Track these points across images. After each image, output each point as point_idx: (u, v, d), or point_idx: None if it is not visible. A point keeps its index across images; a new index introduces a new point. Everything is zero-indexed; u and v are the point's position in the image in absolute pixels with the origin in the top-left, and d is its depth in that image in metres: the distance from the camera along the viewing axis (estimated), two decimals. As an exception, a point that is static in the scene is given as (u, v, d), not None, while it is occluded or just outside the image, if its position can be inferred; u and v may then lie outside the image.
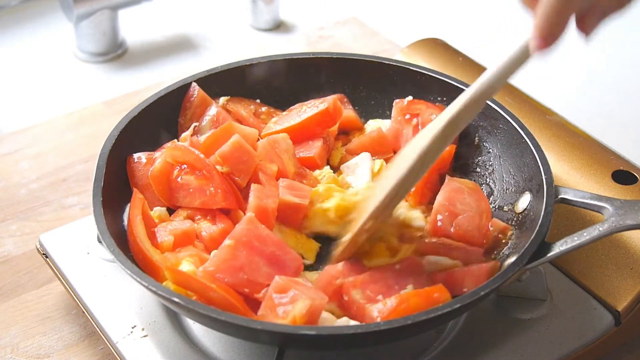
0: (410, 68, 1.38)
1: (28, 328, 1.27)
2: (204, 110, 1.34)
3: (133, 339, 1.16)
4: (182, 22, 2.06)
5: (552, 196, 1.14)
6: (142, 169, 1.24)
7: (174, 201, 1.22)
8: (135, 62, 1.91)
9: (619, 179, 1.29)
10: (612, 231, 1.05)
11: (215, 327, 1.06)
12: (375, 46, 1.91)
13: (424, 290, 1.06)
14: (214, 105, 1.34)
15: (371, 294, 1.08)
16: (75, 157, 1.59)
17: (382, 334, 1.00)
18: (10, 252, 1.40)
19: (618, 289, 1.21)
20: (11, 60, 1.92)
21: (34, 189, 1.52)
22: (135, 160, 1.25)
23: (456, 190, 1.23)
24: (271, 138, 1.28)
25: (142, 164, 1.25)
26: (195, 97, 1.33)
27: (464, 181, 1.27)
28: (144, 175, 1.24)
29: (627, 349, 1.26)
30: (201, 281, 1.05)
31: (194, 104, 1.33)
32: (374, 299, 1.07)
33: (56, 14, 2.02)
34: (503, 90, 1.46)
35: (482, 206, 1.22)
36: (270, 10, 2.00)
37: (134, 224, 1.15)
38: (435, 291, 1.06)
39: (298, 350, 1.13)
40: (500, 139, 1.29)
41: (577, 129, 1.41)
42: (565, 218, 1.27)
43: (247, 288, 1.07)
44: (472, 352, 1.15)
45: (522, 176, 1.24)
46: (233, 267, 1.07)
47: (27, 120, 1.71)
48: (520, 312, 1.20)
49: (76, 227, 1.33)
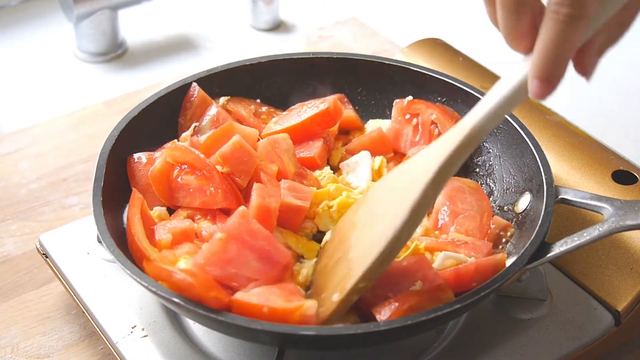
0: (410, 68, 1.38)
1: (28, 328, 1.27)
2: (204, 110, 1.34)
3: (133, 339, 1.16)
4: (182, 22, 2.06)
5: (552, 196, 1.14)
6: (142, 169, 1.24)
7: (174, 201, 1.22)
8: (135, 62, 1.91)
9: (619, 179, 1.29)
10: (612, 231, 1.05)
11: (215, 327, 1.06)
12: (375, 46, 1.91)
13: (426, 290, 1.06)
14: (214, 105, 1.34)
15: (380, 291, 1.08)
16: (75, 157, 1.59)
17: (382, 334, 1.00)
18: (10, 252, 1.40)
19: (618, 289, 1.21)
20: (11, 60, 1.92)
21: (34, 189, 1.52)
22: (135, 161, 1.25)
23: (457, 190, 1.23)
24: (271, 138, 1.27)
25: (142, 164, 1.24)
26: (195, 97, 1.33)
27: (465, 180, 1.27)
28: (144, 176, 1.24)
29: (627, 349, 1.26)
30: (177, 277, 1.04)
31: (194, 104, 1.33)
32: (383, 297, 1.07)
33: (56, 14, 2.02)
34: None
35: (483, 205, 1.23)
36: (270, 10, 2.00)
37: (132, 222, 1.15)
38: (438, 290, 1.06)
39: (298, 350, 1.13)
40: (500, 139, 1.29)
41: (577, 129, 1.41)
42: (565, 218, 1.27)
43: (234, 282, 1.07)
44: (472, 352, 1.15)
45: (522, 176, 1.24)
46: (222, 260, 1.07)
47: (27, 120, 1.71)
48: (520, 312, 1.20)
49: (76, 227, 1.33)
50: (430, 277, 1.09)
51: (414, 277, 1.09)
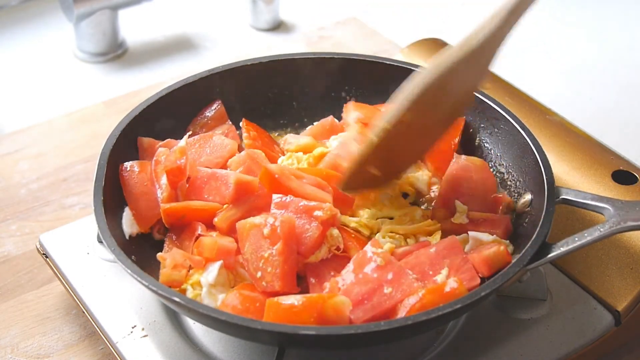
0: (410, 68, 1.38)
1: (28, 328, 1.27)
2: (217, 124, 1.35)
3: (133, 339, 1.16)
4: (182, 22, 2.06)
5: (553, 197, 1.14)
6: (136, 177, 1.23)
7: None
8: (135, 62, 1.91)
9: (619, 179, 1.29)
10: (613, 232, 1.06)
11: (215, 327, 1.06)
12: (375, 46, 1.91)
13: (437, 287, 1.06)
14: (228, 122, 1.35)
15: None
16: (75, 157, 1.59)
17: (382, 334, 1.00)
18: (10, 252, 1.40)
19: (618, 289, 1.21)
20: (11, 60, 1.92)
21: (34, 189, 1.52)
22: (128, 169, 1.23)
23: (463, 169, 1.24)
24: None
25: (135, 173, 1.23)
26: (214, 111, 1.35)
27: (471, 158, 1.28)
28: (137, 184, 1.22)
29: (627, 349, 1.26)
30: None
31: (211, 116, 1.35)
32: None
33: (56, 14, 2.02)
34: (503, 90, 1.46)
35: (488, 184, 1.24)
36: (270, 10, 2.00)
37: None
38: (448, 286, 1.06)
39: (298, 350, 1.13)
40: (501, 139, 1.29)
41: (577, 129, 1.41)
42: (565, 218, 1.27)
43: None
44: (472, 352, 1.15)
45: (523, 176, 1.24)
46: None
47: (27, 120, 1.71)
48: (520, 312, 1.20)
49: (76, 227, 1.33)
50: (457, 262, 1.10)
51: (441, 264, 1.10)
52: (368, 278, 1.07)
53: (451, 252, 1.12)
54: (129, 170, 1.23)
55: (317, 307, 1.02)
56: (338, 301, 1.03)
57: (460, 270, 1.10)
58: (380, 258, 1.08)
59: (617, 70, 1.93)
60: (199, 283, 1.12)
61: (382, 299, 1.05)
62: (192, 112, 1.36)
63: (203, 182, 1.21)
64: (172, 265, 1.12)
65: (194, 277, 1.13)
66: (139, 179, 1.22)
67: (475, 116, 1.33)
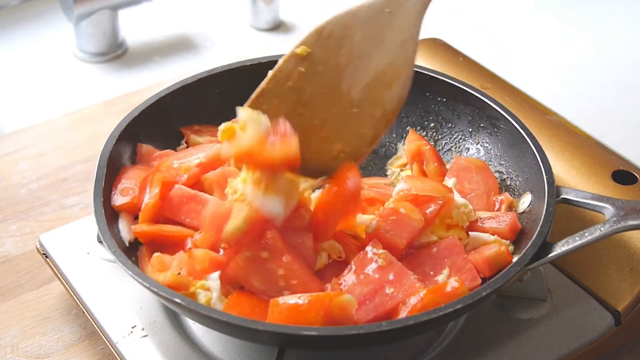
0: (410, 68, 1.38)
1: (28, 328, 1.27)
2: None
3: (133, 339, 1.16)
4: (182, 22, 2.06)
5: (553, 196, 1.14)
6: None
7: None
8: (135, 62, 1.91)
9: (619, 179, 1.29)
10: (613, 231, 1.05)
11: (215, 327, 1.06)
12: (375, 46, 1.90)
13: (438, 287, 1.06)
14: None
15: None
16: (75, 157, 1.59)
17: (382, 334, 1.00)
18: (10, 252, 1.40)
19: (618, 289, 1.21)
20: (11, 60, 1.92)
21: (34, 189, 1.52)
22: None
23: (464, 169, 1.24)
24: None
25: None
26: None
27: (472, 159, 1.28)
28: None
29: (627, 349, 1.26)
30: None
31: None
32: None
33: (56, 14, 2.01)
34: (503, 90, 1.46)
35: (490, 184, 1.24)
36: (270, 10, 2.00)
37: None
38: (449, 286, 1.06)
39: (298, 350, 1.13)
40: (501, 139, 1.29)
41: (577, 129, 1.41)
42: (565, 218, 1.27)
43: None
44: (472, 352, 1.15)
45: (523, 176, 1.24)
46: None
47: (27, 120, 1.71)
48: (520, 312, 1.20)
49: (76, 227, 1.33)
50: (458, 262, 1.10)
51: (442, 264, 1.11)
52: (370, 279, 1.07)
53: (452, 252, 1.12)
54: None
55: (323, 305, 1.02)
56: (345, 299, 1.03)
57: (461, 270, 1.10)
58: (381, 259, 1.08)
59: (617, 70, 1.93)
60: (208, 287, 1.10)
61: (384, 300, 1.05)
62: (192, 112, 1.36)
63: (182, 202, 1.18)
64: (179, 268, 1.10)
65: (201, 281, 1.11)
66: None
67: (475, 116, 1.33)
